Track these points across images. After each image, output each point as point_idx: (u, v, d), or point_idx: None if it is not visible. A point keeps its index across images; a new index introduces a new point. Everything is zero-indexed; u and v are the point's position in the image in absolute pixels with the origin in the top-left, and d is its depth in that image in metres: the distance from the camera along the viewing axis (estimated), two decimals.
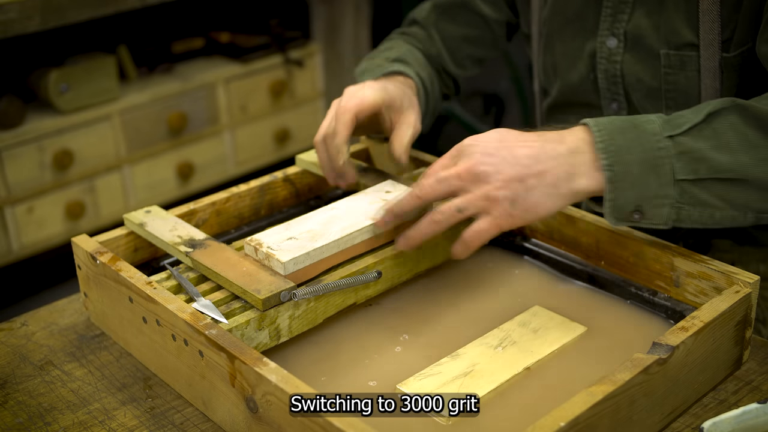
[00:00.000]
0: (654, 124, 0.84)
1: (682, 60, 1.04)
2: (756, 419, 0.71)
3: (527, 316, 0.89)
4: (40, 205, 2.22)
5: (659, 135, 0.83)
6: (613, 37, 1.08)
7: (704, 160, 0.83)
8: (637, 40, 1.07)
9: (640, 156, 0.82)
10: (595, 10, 1.10)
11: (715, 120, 0.85)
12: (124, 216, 0.98)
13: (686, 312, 0.87)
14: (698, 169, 0.83)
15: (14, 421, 0.82)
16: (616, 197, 0.83)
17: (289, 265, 0.87)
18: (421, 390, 0.78)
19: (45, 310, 1.00)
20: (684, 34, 1.03)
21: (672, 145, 0.83)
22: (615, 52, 1.08)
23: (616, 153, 0.82)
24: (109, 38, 2.44)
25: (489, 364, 0.82)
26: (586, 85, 1.13)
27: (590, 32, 1.11)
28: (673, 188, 0.83)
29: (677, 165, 0.83)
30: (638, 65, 1.07)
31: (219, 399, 0.79)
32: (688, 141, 0.83)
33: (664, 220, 0.85)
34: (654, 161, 0.83)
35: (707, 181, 0.83)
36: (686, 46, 1.03)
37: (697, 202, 0.84)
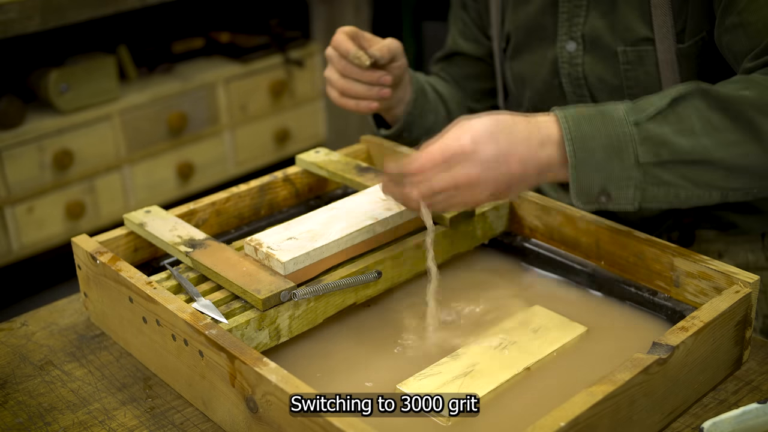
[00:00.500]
0: (620, 110, 0.87)
1: (640, 55, 1.05)
2: (756, 419, 0.71)
3: (527, 316, 0.89)
4: (40, 205, 2.22)
5: (624, 121, 0.86)
6: (571, 41, 1.10)
7: (667, 144, 0.85)
8: (595, 40, 1.08)
9: (603, 142, 0.85)
10: (552, 16, 1.12)
11: (680, 105, 0.87)
12: (124, 216, 0.98)
13: (686, 312, 0.87)
14: (660, 153, 0.85)
15: (14, 421, 0.82)
16: (580, 180, 0.86)
17: (289, 265, 0.87)
18: (421, 390, 0.78)
19: (45, 310, 1.00)
20: (638, 30, 1.04)
21: (636, 131, 0.86)
22: (575, 55, 1.10)
23: (581, 140, 0.85)
24: (109, 38, 2.44)
25: (489, 364, 0.82)
26: (552, 90, 1.15)
27: (550, 39, 1.13)
28: (636, 170, 0.86)
29: (640, 149, 0.85)
30: (599, 65, 1.09)
31: (219, 399, 0.79)
32: (651, 126, 0.86)
33: (630, 201, 0.87)
34: (617, 146, 0.85)
35: (670, 163, 0.86)
36: (642, 41, 1.05)
37: (661, 182, 0.87)
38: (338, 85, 1.10)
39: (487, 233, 1.02)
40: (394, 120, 1.20)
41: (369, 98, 1.09)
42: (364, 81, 1.08)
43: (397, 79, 1.13)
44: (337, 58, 1.08)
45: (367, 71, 1.07)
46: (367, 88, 1.09)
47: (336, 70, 1.09)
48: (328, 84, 1.11)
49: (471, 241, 1.01)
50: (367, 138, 1.18)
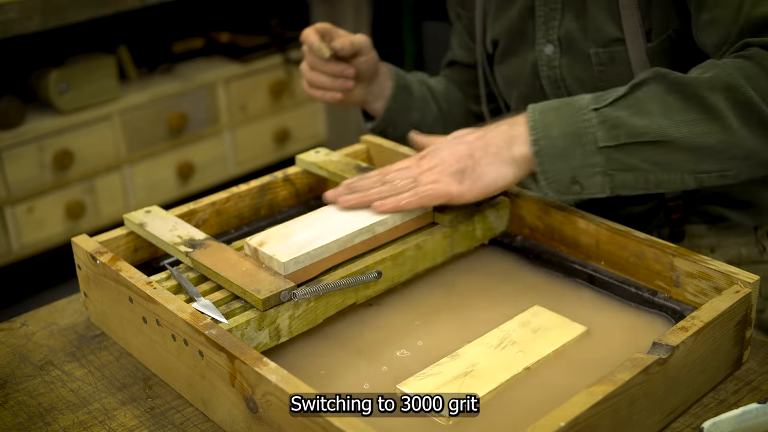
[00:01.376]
0: (583, 100, 0.91)
1: (611, 56, 1.07)
2: (756, 419, 0.71)
3: (527, 316, 0.89)
4: (40, 205, 2.22)
5: (585, 108, 0.90)
6: (549, 44, 1.12)
7: (623, 125, 0.88)
8: (570, 43, 1.10)
9: (564, 129, 0.89)
10: (531, 20, 1.13)
11: (639, 90, 0.90)
12: (124, 216, 0.98)
13: (686, 312, 0.87)
14: (618, 135, 0.88)
15: (14, 421, 0.82)
16: (546, 169, 0.90)
17: (289, 265, 0.87)
18: (421, 390, 0.78)
19: (45, 310, 1.00)
20: (609, 31, 1.06)
21: (595, 116, 0.89)
22: (553, 58, 1.12)
23: (543, 128, 0.90)
24: (109, 38, 2.44)
25: (489, 364, 0.82)
26: (535, 92, 1.16)
27: (530, 42, 1.14)
28: (598, 156, 0.88)
29: (598, 133, 0.88)
30: (575, 67, 1.10)
31: (219, 399, 0.79)
32: (609, 111, 0.89)
33: (600, 188, 0.90)
34: (577, 132, 0.89)
35: (629, 145, 0.88)
36: (613, 41, 1.06)
37: (626, 167, 0.89)
38: (306, 76, 1.18)
39: (487, 233, 1.02)
40: (376, 114, 1.25)
41: (333, 89, 1.17)
42: (328, 73, 1.16)
43: (366, 73, 1.19)
44: (307, 51, 1.16)
45: (329, 63, 1.15)
46: (330, 80, 1.16)
47: (306, 63, 1.17)
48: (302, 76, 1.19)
49: (471, 241, 1.01)
50: (367, 138, 1.18)
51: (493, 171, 0.92)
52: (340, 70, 1.15)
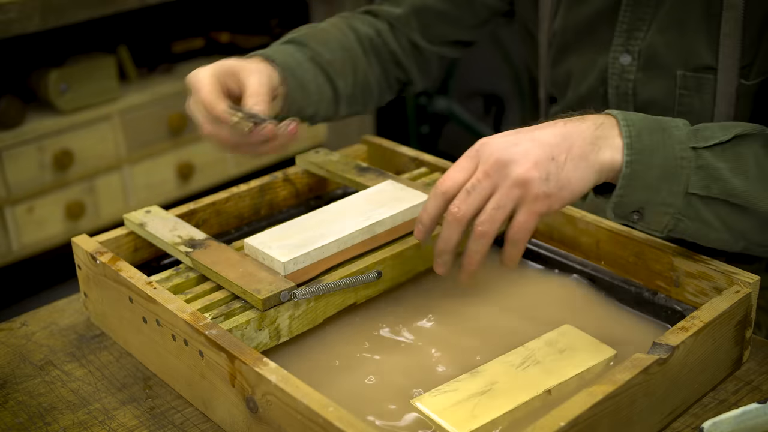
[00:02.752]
0: (681, 131, 0.82)
1: (699, 82, 1.02)
2: (756, 419, 0.71)
3: (555, 335, 0.86)
4: (40, 205, 2.22)
5: (684, 144, 0.82)
6: (627, 54, 1.06)
7: (720, 179, 0.82)
8: (652, 58, 1.04)
9: (661, 161, 0.81)
10: (609, 24, 1.07)
11: (741, 144, 0.84)
12: (124, 216, 0.98)
13: (686, 312, 0.87)
14: (711, 187, 0.82)
15: (14, 421, 0.82)
16: (625, 194, 0.82)
17: (289, 265, 0.87)
18: (436, 406, 0.77)
19: (45, 310, 1.00)
20: (703, 56, 1.01)
21: (694, 157, 0.81)
22: (628, 70, 1.06)
23: (641, 152, 0.80)
24: (109, 38, 2.44)
25: (509, 384, 0.80)
26: (595, 98, 1.10)
27: (603, 46, 1.08)
28: (681, 199, 0.82)
29: (694, 178, 0.81)
30: (651, 84, 1.05)
31: (219, 399, 0.79)
32: (710, 157, 0.82)
33: (661, 227, 0.84)
34: (673, 169, 0.81)
35: (716, 201, 0.83)
36: (704, 68, 1.01)
37: (699, 218, 0.84)
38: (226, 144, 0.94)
39: None
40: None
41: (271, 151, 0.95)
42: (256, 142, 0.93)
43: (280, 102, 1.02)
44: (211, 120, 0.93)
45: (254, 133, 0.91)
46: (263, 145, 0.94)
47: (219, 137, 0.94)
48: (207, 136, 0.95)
49: None
50: (367, 138, 1.18)
51: (581, 177, 0.79)
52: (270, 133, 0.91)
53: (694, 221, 0.84)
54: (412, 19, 1.19)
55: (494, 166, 0.79)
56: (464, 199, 0.80)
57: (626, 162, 0.80)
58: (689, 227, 0.84)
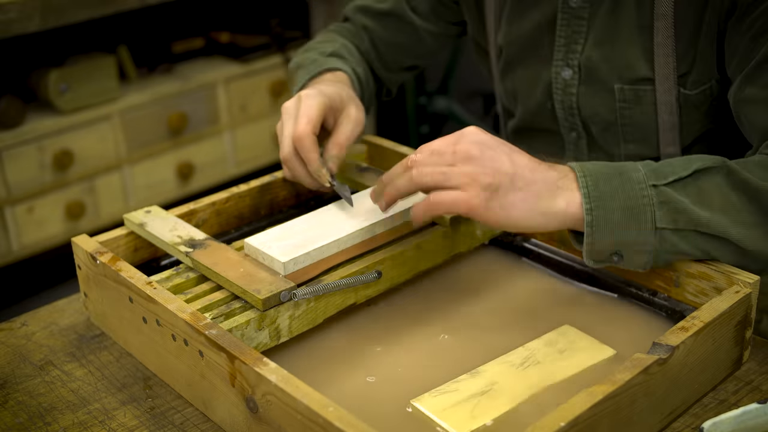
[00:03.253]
0: (639, 173, 0.84)
1: (638, 94, 1.02)
2: (756, 419, 0.71)
3: (555, 336, 0.87)
4: (40, 205, 2.22)
5: (643, 183, 0.83)
6: (567, 68, 1.06)
7: (685, 212, 0.83)
8: (592, 72, 1.05)
9: (622, 203, 0.82)
10: (549, 38, 1.07)
11: (702, 177, 0.84)
12: (124, 216, 0.98)
13: (686, 312, 0.87)
14: (678, 220, 0.83)
15: (14, 421, 0.82)
16: (594, 241, 0.83)
17: (289, 265, 0.87)
18: (435, 406, 0.77)
19: (45, 310, 1.00)
20: (638, 68, 1.01)
21: (655, 194, 0.83)
22: (570, 84, 1.07)
23: (599, 198, 0.82)
24: (109, 38, 2.44)
25: (508, 384, 0.80)
26: (544, 112, 1.11)
27: (546, 60, 1.08)
28: (653, 236, 0.83)
29: (658, 213, 0.82)
30: (594, 98, 1.05)
31: (219, 399, 0.79)
32: (671, 192, 0.83)
33: (642, 265, 0.85)
34: (636, 209, 0.82)
35: (687, 232, 0.84)
36: (641, 80, 1.01)
37: (677, 250, 0.85)
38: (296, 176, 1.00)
39: (487, 233, 1.02)
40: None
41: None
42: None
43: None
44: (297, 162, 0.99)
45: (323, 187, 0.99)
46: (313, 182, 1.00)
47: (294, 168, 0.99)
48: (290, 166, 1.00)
49: (471, 241, 1.01)
50: (367, 138, 1.18)
51: (524, 210, 0.82)
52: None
53: (672, 254, 0.85)
54: (371, 50, 1.23)
55: (463, 153, 0.82)
56: (425, 156, 0.84)
57: (586, 210, 0.82)
58: (670, 259, 0.86)
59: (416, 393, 0.79)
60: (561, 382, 0.80)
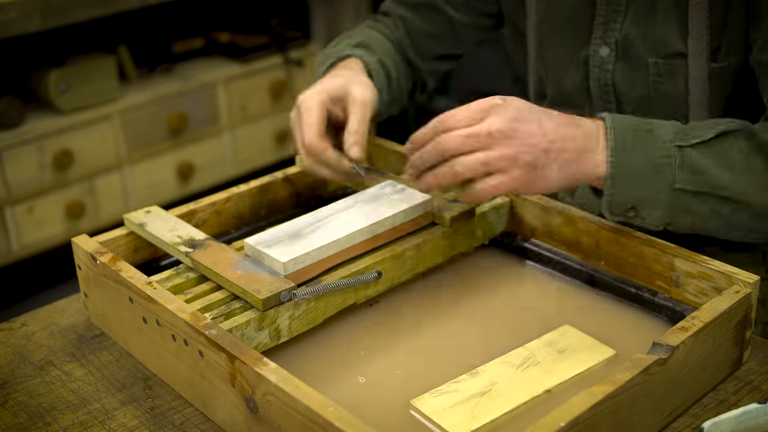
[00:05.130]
0: (666, 131, 0.87)
1: (671, 69, 1.04)
2: (756, 419, 0.71)
3: (555, 336, 0.87)
4: (40, 205, 2.22)
5: (669, 143, 0.86)
6: (605, 46, 1.08)
7: (705, 174, 0.86)
8: (628, 48, 1.06)
9: (645, 158, 0.86)
10: (587, 17, 1.09)
11: (726, 140, 0.87)
12: (124, 216, 0.98)
13: (686, 312, 0.87)
14: (697, 182, 0.86)
15: (14, 421, 0.82)
16: (615, 193, 0.87)
17: (289, 265, 0.87)
18: (435, 407, 0.77)
19: (45, 310, 1.00)
20: (673, 43, 1.03)
21: (678, 155, 0.86)
22: (607, 61, 1.08)
23: (623, 151, 0.85)
24: (109, 38, 2.44)
25: (509, 384, 0.80)
26: (579, 92, 1.12)
27: (583, 40, 1.10)
28: (670, 195, 0.86)
29: (679, 174, 0.86)
30: (629, 74, 1.07)
31: (219, 399, 0.79)
32: (694, 154, 0.86)
33: (657, 222, 0.88)
34: (657, 167, 0.86)
35: (705, 195, 0.86)
36: (675, 55, 1.03)
37: (691, 211, 0.87)
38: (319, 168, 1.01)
39: (487, 233, 1.02)
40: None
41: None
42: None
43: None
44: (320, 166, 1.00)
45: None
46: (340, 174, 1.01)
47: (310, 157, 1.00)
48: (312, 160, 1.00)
49: (471, 241, 1.01)
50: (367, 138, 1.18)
51: (557, 179, 0.86)
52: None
53: (687, 214, 0.88)
54: (405, 40, 1.24)
55: (499, 133, 0.84)
56: (460, 139, 0.85)
57: (610, 162, 0.86)
58: (684, 221, 0.88)
59: (416, 393, 0.79)
60: (561, 383, 0.80)
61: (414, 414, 0.78)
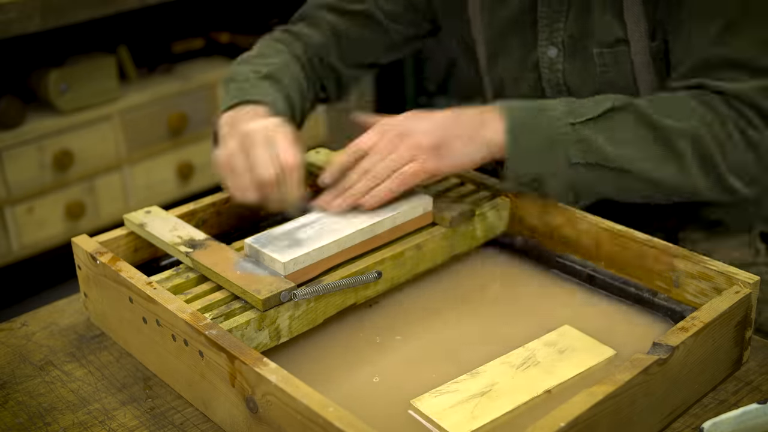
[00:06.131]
0: (557, 110, 0.95)
1: (615, 56, 1.06)
2: (756, 419, 0.71)
3: (555, 336, 0.87)
4: (40, 205, 2.22)
5: (562, 121, 0.95)
6: (552, 47, 1.09)
7: (597, 149, 0.94)
8: (574, 45, 1.08)
9: (542, 135, 0.94)
10: (530, 21, 1.10)
11: (614, 115, 0.96)
12: (124, 216, 0.98)
13: (686, 312, 0.87)
14: (588, 155, 0.94)
15: (14, 421, 0.82)
16: (515, 166, 0.95)
17: (289, 266, 0.87)
18: (435, 407, 0.77)
19: (45, 310, 1.00)
20: (613, 31, 1.05)
21: (572, 131, 0.94)
22: (556, 61, 1.10)
23: (521, 127, 0.94)
24: (109, 38, 2.44)
25: (509, 385, 0.80)
26: (534, 95, 1.12)
27: (530, 44, 1.11)
28: (569, 169, 0.95)
29: (572, 150, 0.94)
30: (578, 70, 1.09)
31: (219, 399, 0.79)
32: (586, 130, 0.94)
33: (561, 193, 0.97)
34: (553, 144, 0.94)
35: (598, 167, 0.95)
36: (617, 42, 1.05)
37: (590, 184, 0.96)
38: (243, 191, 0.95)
39: (487, 233, 1.02)
40: None
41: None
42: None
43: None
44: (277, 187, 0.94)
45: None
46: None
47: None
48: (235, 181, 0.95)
49: (471, 241, 1.01)
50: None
51: (465, 149, 0.94)
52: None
53: (587, 187, 0.96)
54: (331, 44, 1.22)
55: (396, 136, 0.95)
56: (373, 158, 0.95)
57: (508, 136, 0.94)
58: (586, 192, 0.97)
59: (416, 393, 0.79)
60: (561, 383, 0.80)
61: (414, 414, 0.78)
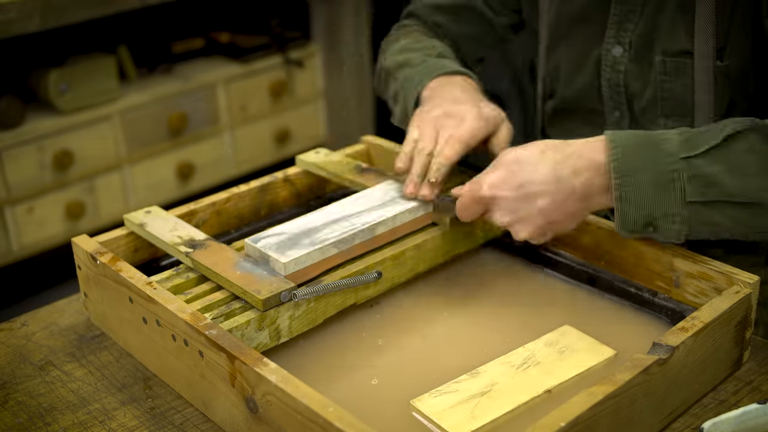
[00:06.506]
0: (672, 143, 0.85)
1: (678, 67, 1.03)
2: (756, 419, 0.71)
3: (555, 336, 0.87)
4: (40, 205, 2.22)
5: (674, 156, 0.84)
6: (618, 46, 1.07)
7: (716, 184, 0.83)
8: (640, 48, 1.06)
9: (652, 177, 0.84)
10: (601, 16, 1.08)
11: (735, 142, 0.85)
12: (124, 216, 0.98)
13: (686, 312, 0.87)
14: (708, 193, 0.83)
15: (14, 422, 0.82)
16: (625, 214, 0.85)
17: (290, 266, 0.87)
18: (435, 407, 0.77)
19: (45, 310, 1.00)
20: (680, 41, 1.02)
21: (686, 167, 0.83)
22: (619, 61, 1.08)
23: (628, 173, 0.84)
24: (109, 38, 2.44)
25: (509, 385, 0.80)
26: (590, 92, 1.12)
27: (596, 39, 1.09)
28: (683, 208, 0.84)
29: (688, 188, 0.83)
30: (640, 74, 1.07)
31: (219, 399, 0.79)
32: (701, 164, 0.84)
33: (675, 235, 0.86)
34: (665, 184, 0.84)
35: (718, 203, 0.84)
36: (681, 53, 1.03)
37: (708, 222, 0.85)
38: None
39: (487, 233, 1.02)
40: None
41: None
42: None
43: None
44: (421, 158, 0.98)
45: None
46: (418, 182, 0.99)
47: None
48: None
49: (471, 241, 1.01)
50: (367, 138, 1.18)
51: (572, 227, 0.90)
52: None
53: (705, 225, 0.85)
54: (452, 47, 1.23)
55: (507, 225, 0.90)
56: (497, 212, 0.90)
57: (615, 184, 0.84)
58: (702, 232, 0.86)
59: (416, 393, 0.79)
60: (561, 383, 0.80)
61: (414, 414, 0.78)
